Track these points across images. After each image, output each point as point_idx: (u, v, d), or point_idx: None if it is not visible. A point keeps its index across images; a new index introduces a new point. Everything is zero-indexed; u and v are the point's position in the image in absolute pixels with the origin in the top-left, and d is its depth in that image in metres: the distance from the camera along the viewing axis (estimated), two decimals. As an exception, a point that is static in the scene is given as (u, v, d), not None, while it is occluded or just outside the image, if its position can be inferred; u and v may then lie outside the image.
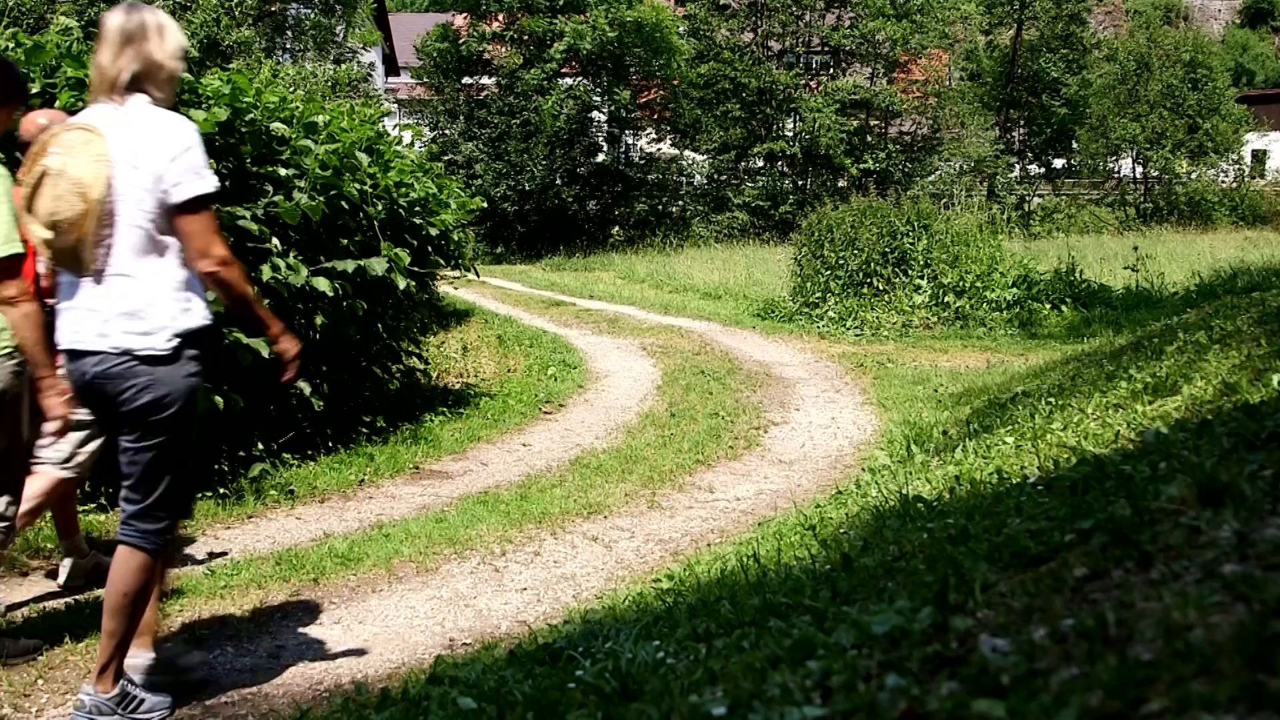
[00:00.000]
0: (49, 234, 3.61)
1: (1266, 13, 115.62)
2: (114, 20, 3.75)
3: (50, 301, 4.08)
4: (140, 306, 3.67)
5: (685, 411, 10.27)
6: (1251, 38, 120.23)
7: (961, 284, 16.50)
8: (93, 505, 6.53)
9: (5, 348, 4.36)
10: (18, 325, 4.07)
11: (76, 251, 3.62)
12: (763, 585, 3.85)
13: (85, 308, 3.69)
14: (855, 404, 10.80)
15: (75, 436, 4.98)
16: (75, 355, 3.72)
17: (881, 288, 16.81)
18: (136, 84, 3.75)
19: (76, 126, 3.68)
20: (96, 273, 3.66)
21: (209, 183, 3.77)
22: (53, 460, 5.08)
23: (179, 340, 3.72)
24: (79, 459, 5.18)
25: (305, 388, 7.63)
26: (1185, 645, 1.59)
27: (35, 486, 4.93)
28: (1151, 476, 2.82)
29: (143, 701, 3.95)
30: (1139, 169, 54.25)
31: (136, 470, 3.78)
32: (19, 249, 4.10)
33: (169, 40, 3.85)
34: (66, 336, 3.74)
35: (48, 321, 3.98)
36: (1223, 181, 52.13)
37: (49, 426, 4.11)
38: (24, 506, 4.78)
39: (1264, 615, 1.62)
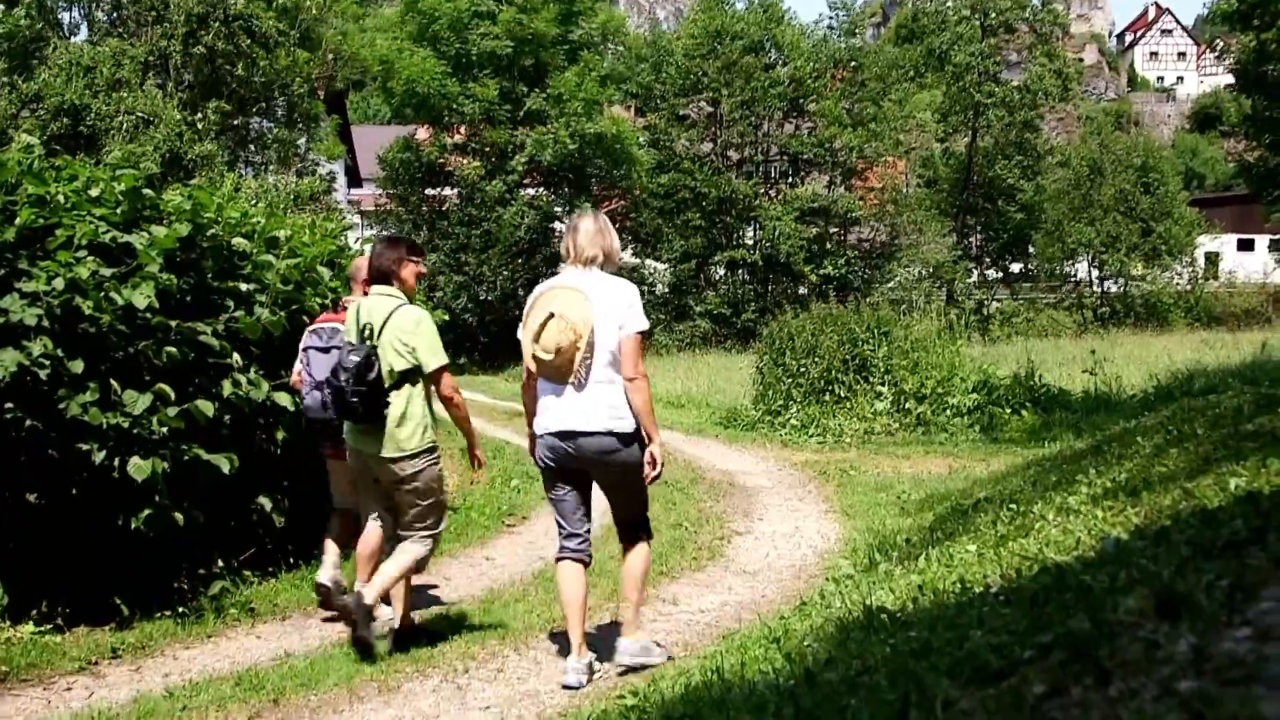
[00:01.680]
0: (549, 356, 5.42)
1: (1214, 117, 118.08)
2: (586, 221, 5.78)
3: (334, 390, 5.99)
4: (616, 404, 5.53)
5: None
6: (1200, 142, 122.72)
7: (922, 390, 16.58)
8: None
9: (429, 441, 6.12)
10: (464, 419, 6.37)
11: (565, 368, 5.45)
12: (726, 702, 3.82)
13: (573, 405, 5.53)
14: (819, 512, 10.79)
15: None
16: (567, 435, 5.52)
17: (843, 395, 16.86)
18: (598, 260, 5.69)
19: (567, 288, 5.58)
20: (576, 383, 5.50)
21: (645, 323, 5.66)
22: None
23: (635, 425, 5.59)
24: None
25: (266, 503, 7.58)
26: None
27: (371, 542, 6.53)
28: (1110, 587, 2.82)
29: None
30: (1095, 272, 54.99)
31: (621, 500, 5.80)
32: (446, 360, 6.24)
33: (615, 235, 5.86)
34: (558, 423, 5.55)
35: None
36: (1177, 284, 52.85)
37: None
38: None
39: (1221, 733, 1.62)
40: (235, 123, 26.93)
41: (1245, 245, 65.56)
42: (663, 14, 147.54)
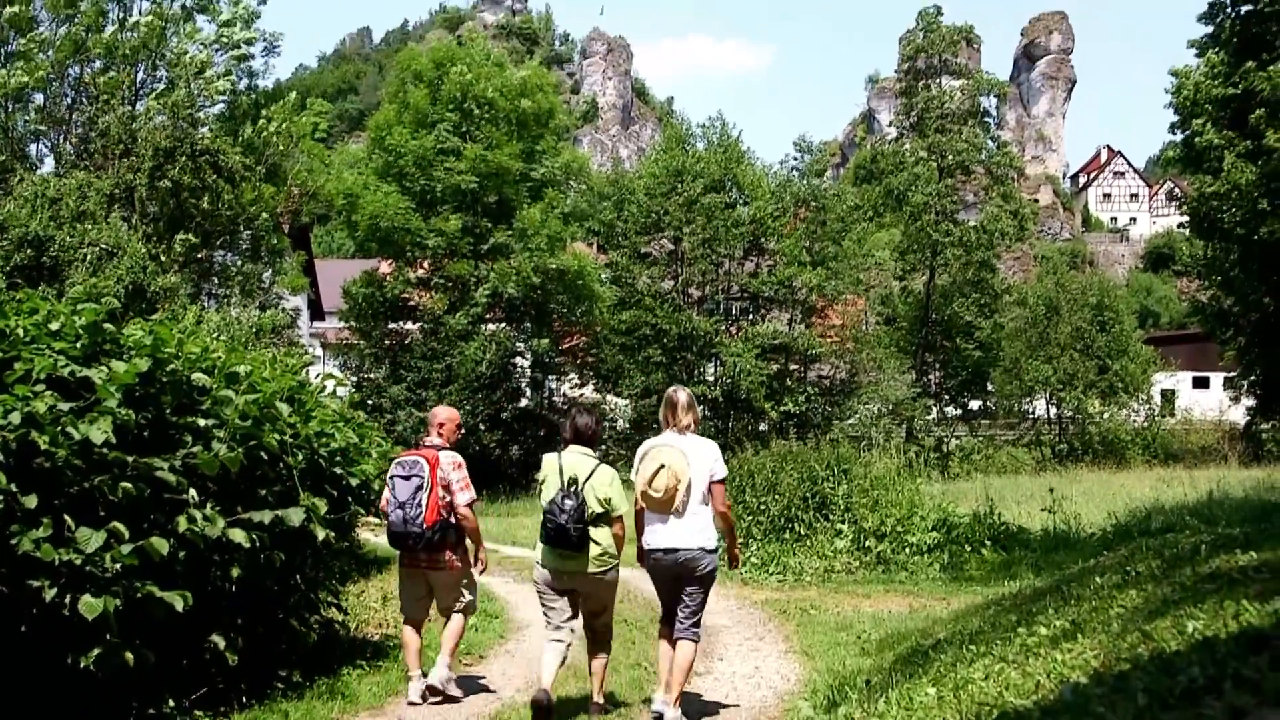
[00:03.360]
0: (659, 495, 7.53)
1: (1168, 257, 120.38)
2: (681, 397, 7.94)
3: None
4: (705, 528, 7.69)
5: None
6: (1154, 281, 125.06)
7: (882, 528, 16.59)
8: None
9: (612, 562, 7.99)
10: (620, 541, 8.05)
11: (669, 504, 7.55)
12: None
13: (675, 529, 7.62)
14: (779, 652, 10.71)
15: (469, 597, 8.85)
16: (670, 551, 7.64)
17: (803, 532, 16.84)
18: (691, 427, 7.88)
19: (670, 446, 7.66)
20: (677, 513, 7.59)
21: (725, 471, 7.86)
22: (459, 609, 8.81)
23: (717, 544, 7.83)
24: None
25: (219, 641, 7.46)
26: None
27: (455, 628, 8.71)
28: (1068, 736, 2.82)
29: None
30: (1053, 409, 55.41)
31: (693, 603, 7.80)
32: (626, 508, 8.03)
33: (697, 408, 8.09)
34: (664, 541, 7.65)
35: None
36: (1134, 421, 53.27)
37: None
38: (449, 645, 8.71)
39: None
40: (200, 255, 27.01)
41: (1200, 383, 66.32)
42: (625, 152, 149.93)
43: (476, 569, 8.88)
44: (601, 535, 7.90)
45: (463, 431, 9.10)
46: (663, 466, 7.52)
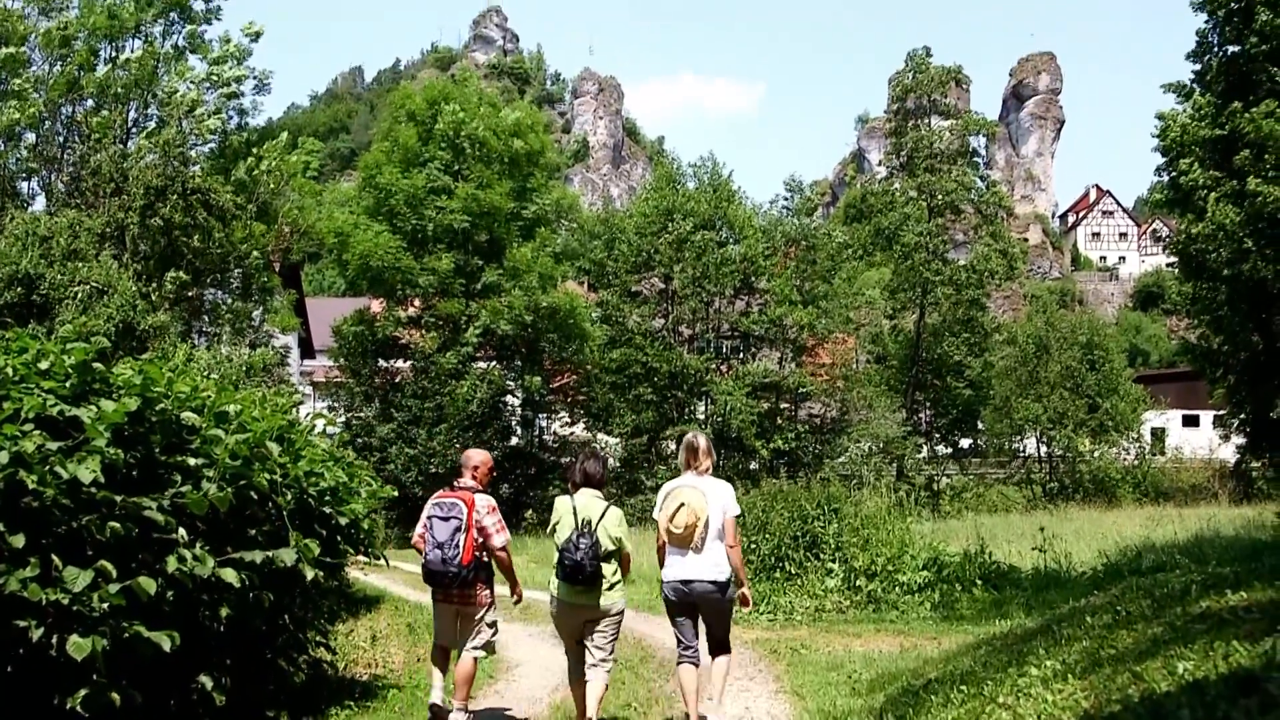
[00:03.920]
0: (680, 531, 8.21)
1: (1157, 296, 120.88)
2: (700, 442, 8.61)
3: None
4: (719, 562, 8.28)
5: (598, 702, 10.05)
6: (1144, 320, 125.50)
7: (873, 567, 16.55)
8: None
9: (621, 596, 8.54)
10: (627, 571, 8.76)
11: (688, 539, 8.20)
12: None
13: (693, 563, 8.26)
14: (769, 692, 10.67)
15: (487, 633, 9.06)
16: (688, 582, 8.28)
17: (794, 571, 16.81)
18: (708, 470, 8.56)
19: (691, 486, 8.37)
20: (696, 549, 8.23)
21: (738, 509, 8.52)
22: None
23: (728, 576, 8.32)
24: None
25: (207, 682, 7.41)
26: None
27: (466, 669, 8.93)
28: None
29: None
30: (1043, 448, 55.45)
31: (719, 630, 8.48)
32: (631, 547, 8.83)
33: (714, 452, 8.77)
34: (682, 574, 8.30)
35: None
36: (1124, 459, 53.29)
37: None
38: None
39: None
40: (190, 294, 26.98)
41: (1190, 421, 66.44)
42: (616, 191, 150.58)
43: (513, 599, 9.63)
44: (612, 571, 8.46)
45: (494, 474, 9.68)
46: (683, 505, 8.25)
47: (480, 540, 8.85)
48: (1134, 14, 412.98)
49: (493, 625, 9.10)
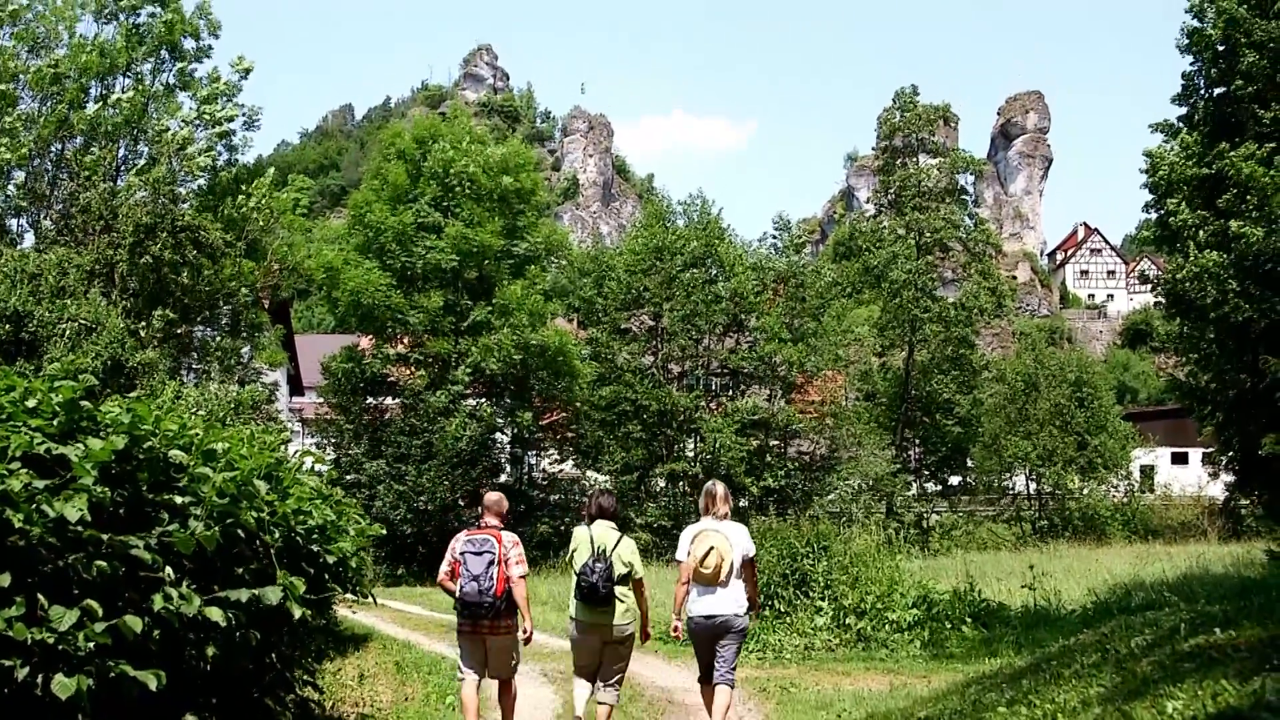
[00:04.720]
0: (708, 572, 9.04)
1: (1145, 333, 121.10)
2: (719, 490, 9.52)
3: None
4: (739, 598, 9.21)
5: (586, 741, 10.00)
6: (1132, 358, 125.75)
7: (862, 605, 16.53)
8: None
9: (634, 618, 9.60)
10: (645, 602, 9.85)
11: (715, 578, 9.05)
12: None
13: (718, 599, 9.13)
14: (759, 731, 10.63)
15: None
16: (711, 616, 9.15)
17: (783, 610, 16.78)
18: (727, 515, 9.40)
19: (715, 530, 9.23)
20: (722, 585, 9.10)
21: (754, 549, 9.51)
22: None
23: (745, 610, 9.26)
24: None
25: (192, 722, 7.35)
26: None
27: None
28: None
29: None
30: (1033, 485, 55.48)
31: (727, 654, 9.28)
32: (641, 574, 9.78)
33: (730, 498, 9.63)
34: (710, 610, 9.15)
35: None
36: (1114, 496, 53.35)
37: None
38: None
39: None
40: (179, 331, 26.93)
41: (1179, 459, 66.58)
42: (606, 228, 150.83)
43: (521, 634, 9.84)
44: (625, 593, 9.48)
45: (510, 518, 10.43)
46: (712, 548, 9.11)
47: (507, 573, 9.39)
48: (1122, 53, 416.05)
49: (518, 650, 9.77)
